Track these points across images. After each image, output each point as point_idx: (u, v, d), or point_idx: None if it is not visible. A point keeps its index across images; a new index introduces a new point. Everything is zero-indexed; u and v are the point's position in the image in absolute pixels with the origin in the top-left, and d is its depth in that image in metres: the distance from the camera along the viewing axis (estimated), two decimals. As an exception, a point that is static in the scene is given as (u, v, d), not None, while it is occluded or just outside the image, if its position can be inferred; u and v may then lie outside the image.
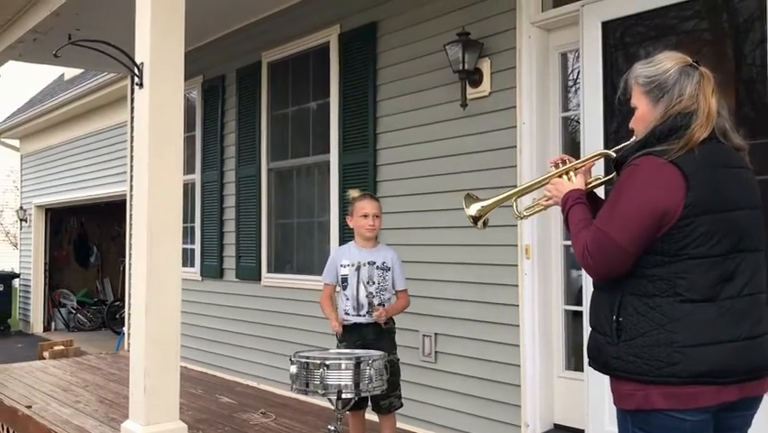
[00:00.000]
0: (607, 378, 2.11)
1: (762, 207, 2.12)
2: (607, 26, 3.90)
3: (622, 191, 2.03)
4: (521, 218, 2.57)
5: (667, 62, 2.11)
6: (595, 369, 2.13)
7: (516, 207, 2.54)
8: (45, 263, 14.83)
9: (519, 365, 4.25)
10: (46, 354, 9.32)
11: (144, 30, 4.14)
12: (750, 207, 2.07)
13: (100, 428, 5.02)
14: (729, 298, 1.97)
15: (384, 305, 3.84)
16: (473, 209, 2.53)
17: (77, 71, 12.80)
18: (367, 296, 3.83)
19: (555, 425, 4.26)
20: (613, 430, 3.37)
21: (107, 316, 14.07)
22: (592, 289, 2.18)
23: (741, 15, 3.53)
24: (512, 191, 2.58)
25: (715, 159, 2.02)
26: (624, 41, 3.92)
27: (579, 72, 4.11)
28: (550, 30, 4.32)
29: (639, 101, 2.15)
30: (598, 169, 3.05)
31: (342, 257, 3.96)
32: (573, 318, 4.26)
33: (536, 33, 4.30)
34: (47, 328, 14.55)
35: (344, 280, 3.89)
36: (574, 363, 4.25)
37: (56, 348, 9.56)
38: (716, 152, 2.03)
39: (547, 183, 2.38)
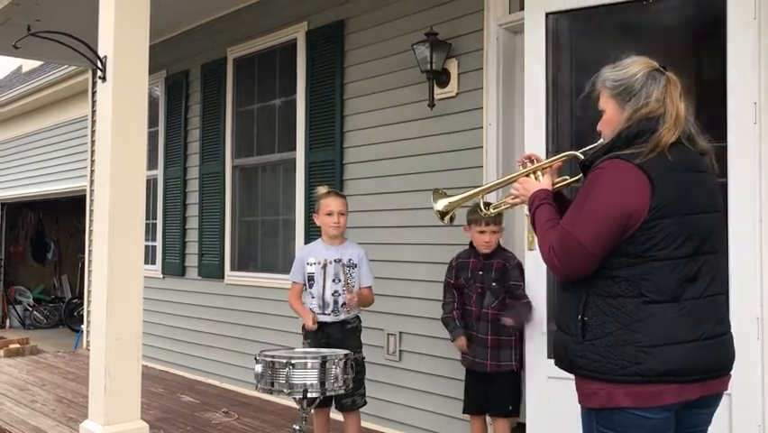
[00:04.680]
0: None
1: (723, 211, 2.17)
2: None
3: (589, 193, 2.06)
4: (487, 216, 2.60)
5: (634, 66, 2.14)
6: (560, 368, 2.16)
7: (483, 204, 2.57)
8: (0, 259, 14.48)
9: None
10: (1, 352, 9.09)
11: (108, 22, 4.07)
12: (712, 210, 2.12)
13: (58, 429, 4.93)
14: (692, 298, 2.01)
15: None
16: (441, 204, 2.57)
17: (35, 63, 12.51)
18: (333, 294, 3.83)
19: (518, 423, 4.29)
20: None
21: (65, 313, 13.77)
22: (558, 289, 2.21)
23: (702, 15, 3.58)
24: (480, 188, 2.62)
25: (680, 162, 2.05)
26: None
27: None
28: (516, 32, 4.35)
29: (606, 104, 2.19)
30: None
31: (310, 255, 3.94)
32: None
33: (503, 35, 4.34)
34: (1, 326, 14.18)
35: (311, 278, 3.88)
36: (537, 362, 4.28)
37: (11, 346, 9.34)
38: (681, 155, 2.07)
39: (514, 182, 2.41)
